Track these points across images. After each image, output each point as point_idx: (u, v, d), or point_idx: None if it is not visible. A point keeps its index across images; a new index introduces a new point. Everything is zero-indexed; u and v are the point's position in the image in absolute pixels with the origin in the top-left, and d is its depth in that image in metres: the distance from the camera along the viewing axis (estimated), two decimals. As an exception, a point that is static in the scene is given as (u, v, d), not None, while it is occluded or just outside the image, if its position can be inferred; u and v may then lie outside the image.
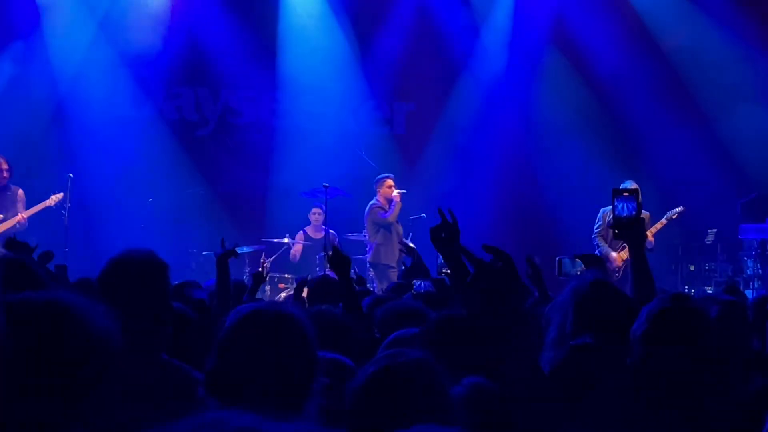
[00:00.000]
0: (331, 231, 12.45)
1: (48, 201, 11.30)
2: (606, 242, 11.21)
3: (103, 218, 12.71)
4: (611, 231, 11.01)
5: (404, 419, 1.82)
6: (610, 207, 11.06)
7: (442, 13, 14.28)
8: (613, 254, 10.99)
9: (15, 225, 10.86)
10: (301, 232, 12.79)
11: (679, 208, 11.29)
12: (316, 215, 12.64)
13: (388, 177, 12.11)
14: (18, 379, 1.92)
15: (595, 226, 11.40)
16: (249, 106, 14.30)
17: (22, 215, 11.05)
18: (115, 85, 13.29)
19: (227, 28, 13.77)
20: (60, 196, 11.39)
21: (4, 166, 11.04)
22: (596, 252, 11.15)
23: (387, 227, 11.87)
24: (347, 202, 13.27)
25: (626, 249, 10.43)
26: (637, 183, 11.35)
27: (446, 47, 14.40)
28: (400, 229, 12.06)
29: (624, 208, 3.72)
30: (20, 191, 11.21)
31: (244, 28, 13.98)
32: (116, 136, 13.08)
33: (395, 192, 11.87)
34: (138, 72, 13.50)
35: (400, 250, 6.66)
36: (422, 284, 5.55)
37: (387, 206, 11.87)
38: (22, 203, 11.15)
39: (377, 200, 11.98)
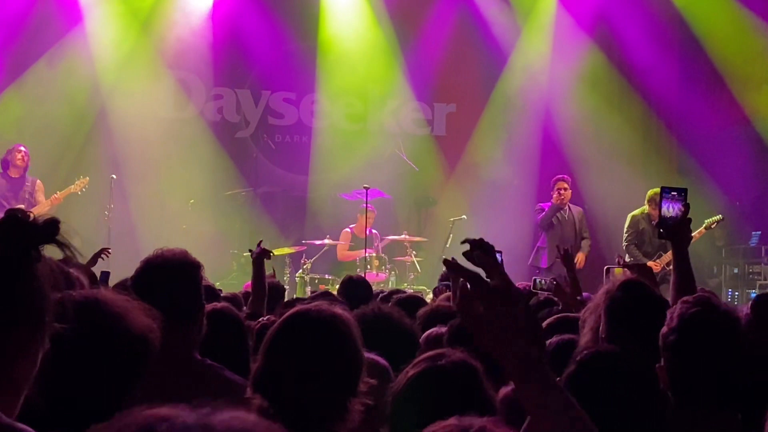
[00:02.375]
0: (373, 231, 12.45)
1: (73, 187, 11.37)
2: (639, 249, 10.92)
3: (145, 219, 12.80)
4: (646, 236, 11.01)
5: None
6: (640, 211, 11.04)
7: (483, 13, 14.24)
8: (650, 263, 10.62)
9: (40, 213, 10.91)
10: (349, 231, 12.72)
11: (718, 217, 11.02)
12: (371, 218, 12.46)
13: (557, 179, 11.76)
14: (59, 375, 1.95)
15: (626, 234, 11.04)
16: (289, 108, 14.34)
17: (56, 195, 11.14)
18: (157, 87, 13.38)
19: (268, 30, 13.82)
20: (85, 180, 11.45)
21: (21, 154, 11.12)
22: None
23: (547, 229, 11.67)
24: (387, 203, 13.28)
25: (662, 257, 10.44)
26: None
27: (487, 48, 14.36)
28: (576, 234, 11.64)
29: (670, 209, 3.68)
30: (39, 182, 11.31)
31: (285, 29, 14.04)
32: (158, 138, 13.17)
33: (555, 194, 11.58)
34: (180, 74, 13.61)
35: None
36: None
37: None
38: (42, 193, 11.25)
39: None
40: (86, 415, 2.05)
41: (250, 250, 5.84)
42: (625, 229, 11.05)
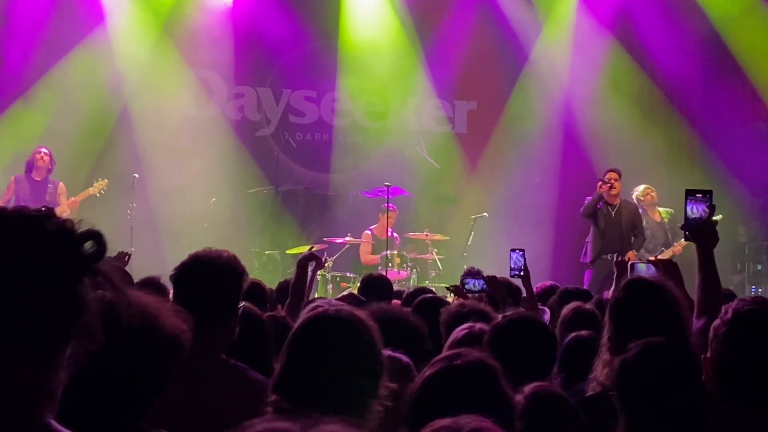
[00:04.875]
0: (394, 234, 12.47)
1: (91, 189, 11.46)
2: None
3: (167, 218, 12.86)
4: (648, 232, 11.19)
5: (463, 421, 1.83)
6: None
7: (503, 10, 14.21)
8: (651, 258, 10.71)
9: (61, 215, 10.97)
10: (369, 233, 12.75)
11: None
12: (392, 218, 12.47)
13: (608, 170, 11.29)
14: (88, 376, 1.97)
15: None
16: (310, 106, 14.36)
17: (73, 198, 11.21)
18: (179, 86, 13.43)
19: (289, 29, 13.84)
20: (104, 183, 11.52)
21: (44, 156, 11.19)
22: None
23: (593, 222, 11.14)
24: (408, 201, 13.29)
25: (664, 252, 10.50)
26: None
27: (508, 45, 14.33)
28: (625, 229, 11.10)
29: (694, 210, 3.67)
30: (61, 185, 11.38)
31: (306, 28, 14.06)
32: (180, 137, 13.22)
33: (600, 182, 11.05)
34: (201, 73, 13.65)
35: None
36: (476, 283, 5.53)
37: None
38: (65, 196, 11.32)
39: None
40: (119, 414, 2.08)
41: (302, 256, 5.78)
42: None
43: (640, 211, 11.36)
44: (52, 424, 1.51)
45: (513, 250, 5.89)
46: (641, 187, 11.70)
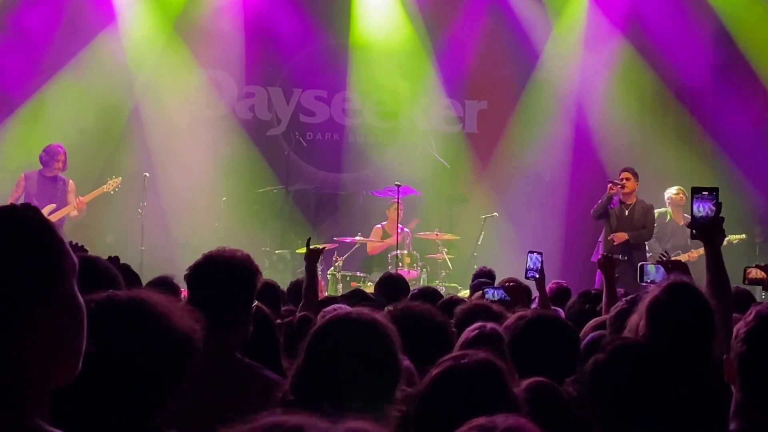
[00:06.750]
0: (405, 229, 12.47)
1: (105, 186, 11.46)
2: (659, 244, 11.22)
3: (177, 217, 12.89)
4: (668, 231, 11.20)
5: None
6: (665, 209, 11.18)
7: (514, 9, 14.20)
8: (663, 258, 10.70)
9: (68, 214, 11.02)
10: (381, 227, 12.76)
11: (742, 236, 11.59)
12: (401, 213, 12.40)
13: (621, 169, 11.18)
14: (101, 376, 1.98)
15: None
16: (321, 106, 14.37)
17: (80, 199, 11.22)
18: (190, 86, 13.45)
19: (300, 28, 13.85)
20: (117, 180, 11.52)
21: (61, 157, 11.21)
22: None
23: (605, 221, 10.99)
24: (419, 200, 13.28)
25: (679, 256, 10.51)
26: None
27: (519, 44, 14.31)
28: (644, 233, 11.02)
29: (701, 208, 3.65)
30: (71, 182, 11.36)
31: (317, 27, 14.07)
32: (190, 136, 13.24)
33: (610, 183, 10.92)
34: (212, 72, 13.68)
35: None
36: (495, 292, 5.53)
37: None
38: (74, 194, 11.32)
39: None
40: (133, 414, 2.09)
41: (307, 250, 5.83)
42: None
43: (669, 209, 11.63)
44: (41, 424, 1.51)
45: (531, 252, 5.87)
46: (674, 188, 11.81)
